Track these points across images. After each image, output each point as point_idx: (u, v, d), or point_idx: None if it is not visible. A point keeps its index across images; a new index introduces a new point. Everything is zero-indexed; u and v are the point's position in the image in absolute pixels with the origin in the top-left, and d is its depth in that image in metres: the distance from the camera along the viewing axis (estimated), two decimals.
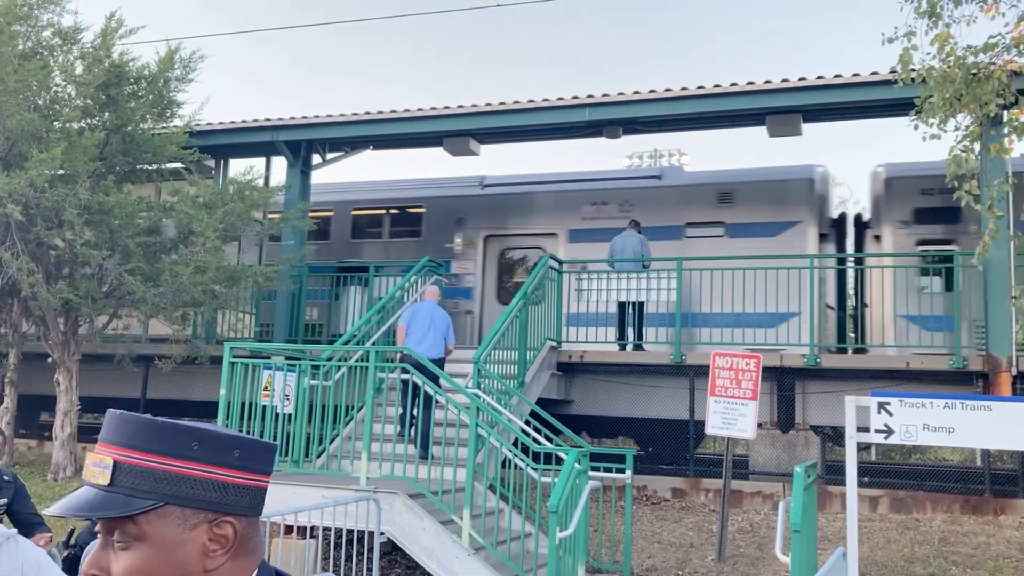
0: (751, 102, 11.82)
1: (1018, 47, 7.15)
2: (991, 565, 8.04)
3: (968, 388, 10.60)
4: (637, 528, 9.46)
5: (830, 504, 10.11)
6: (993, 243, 7.64)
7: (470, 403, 7.88)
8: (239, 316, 13.92)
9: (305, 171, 14.32)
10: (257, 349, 9.83)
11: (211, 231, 11.29)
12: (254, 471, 1.32)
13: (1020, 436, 6.23)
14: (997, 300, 10.32)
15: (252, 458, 1.32)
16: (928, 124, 7.46)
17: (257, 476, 1.33)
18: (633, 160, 41.73)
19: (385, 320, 10.89)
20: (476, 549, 7.37)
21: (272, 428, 8.45)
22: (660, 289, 12.03)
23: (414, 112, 13.29)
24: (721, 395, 8.77)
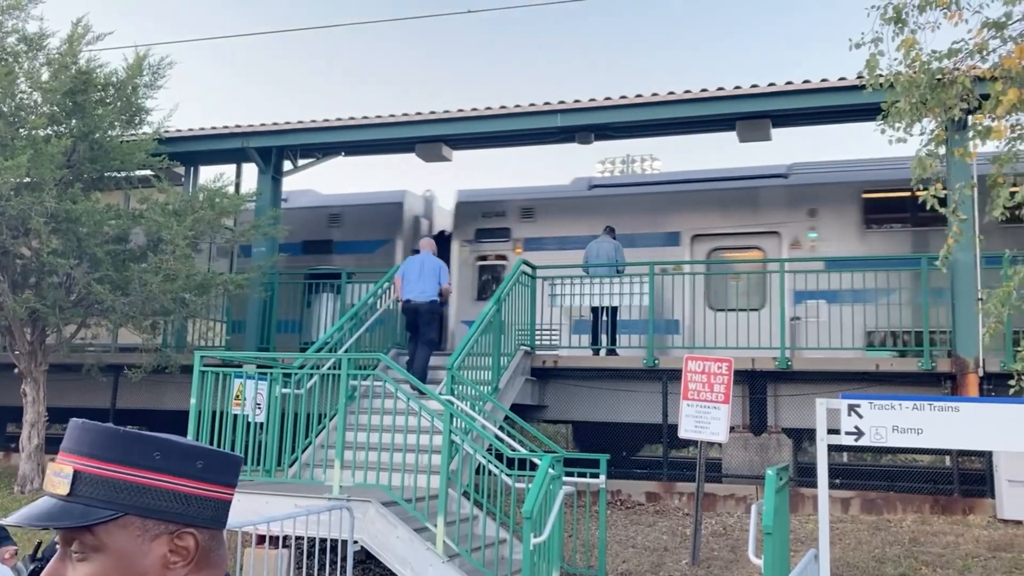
0: (721, 107, 11.92)
1: (980, 53, 7.24)
2: (960, 564, 8.13)
3: (937, 389, 10.73)
4: (611, 532, 9.47)
5: (802, 506, 10.18)
6: (959, 246, 7.73)
7: (444, 409, 7.85)
8: (210, 324, 13.80)
9: (276, 178, 14.24)
10: (227, 357, 9.74)
11: (181, 239, 11.19)
12: (218, 483, 1.31)
13: (987, 436, 6.31)
14: (964, 302, 10.46)
15: (216, 469, 1.31)
16: (895, 128, 7.54)
17: (221, 488, 1.32)
18: (606, 166, 41.91)
19: (358, 327, 10.83)
20: (450, 556, 7.34)
21: (244, 437, 8.37)
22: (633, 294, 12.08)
23: (386, 118, 13.27)
24: (694, 399, 8.80)
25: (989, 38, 7.23)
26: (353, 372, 8.39)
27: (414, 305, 10.89)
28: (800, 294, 11.79)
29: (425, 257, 11.15)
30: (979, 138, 7.48)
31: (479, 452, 8.08)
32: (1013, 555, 8.35)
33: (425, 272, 10.93)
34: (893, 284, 11.33)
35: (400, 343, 11.92)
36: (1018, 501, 9.39)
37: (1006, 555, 8.36)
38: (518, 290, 11.45)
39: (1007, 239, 10.80)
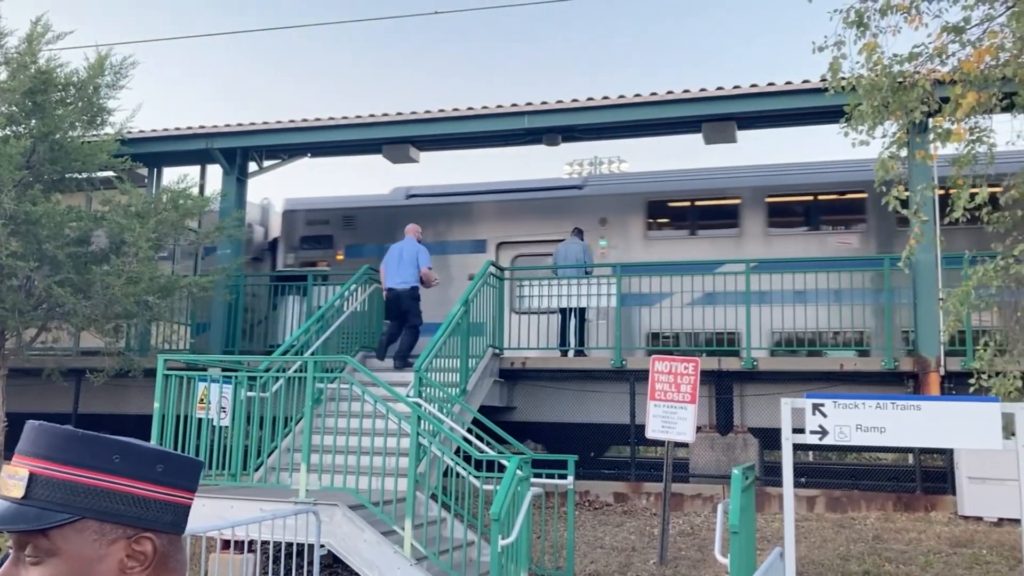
0: (687, 110, 12.00)
1: (940, 57, 7.35)
2: (922, 560, 8.25)
3: (899, 388, 10.89)
4: (580, 533, 9.49)
5: (768, 505, 10.27)
6: (920, 246, 7.84)
7: (411, 412, 7.82)
8: (174, 328, 13.63)
9: (241, 179, 14.12)
10: (191, 361, 9.63)
11: (144, 241, 11.03)
12: (177, 487, 1.29)
13: (948, 434, 6.40)
14: (925, 302, 10.61)
15: (176, 473, 1.29)
16: (857, 131, 7.64)
17: (181, 492, 1.29)
18: (574, 168, 42.05)
19: (324, 330, 10.75)
20: (418, 559, 7.31)
21: (208, 441, 8.28)
22: (601, 295, 12.13)
23: (352, 119, 13.19)
24: (661, 399, 8.85)
25: (948, 42, 7.35)
26: (319, 375, 8.33)
27: (396, 293, 11.35)
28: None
29: (405, 244, 11.55)
30: (939, 140, 7.59)
31: (447, 454, 8.06)
32: (973, 551, 8.48)
33: (404, 259, 11.34)
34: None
35: (367, 345, 11.86)
36: (978, 498, 9.55)
37: (966, 551, 8.50)
38: (485, 291, 11.44)
39: (969, 240, 11.00)
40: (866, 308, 11.78)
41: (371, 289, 12.00)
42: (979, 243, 10.24)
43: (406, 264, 11.36)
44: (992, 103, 7.30)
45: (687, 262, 12.49)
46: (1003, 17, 7.03)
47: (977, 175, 7.33)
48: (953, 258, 10.04)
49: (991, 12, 7.12)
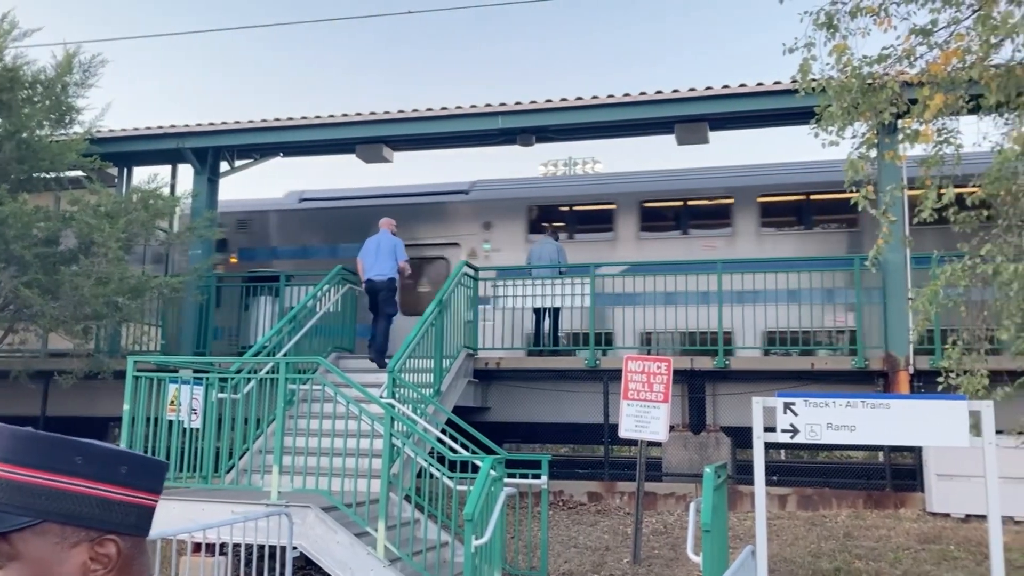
0: (660, 111, 12.06)
1: (908, 59, 7.42)
2: (891, 557, 8.34)
3: (870, 387, 11.00)
4: (553, 533, 9.50)
5: (741, 503, 10.34)
6: (889, 246, 7.92)
7: (384, 413, 7.79)
8: (144, 329, 13.48)
9: (212, 179, 14.00)
10: (162, 362, 9.54)
11: (113, 241, 10.91)
12: (142, 488, 1.27)
13: (916, 432, 6.48)
14: (895, 301, 10.73)
15: (140, 475, 1.27)
16: (827, 132, 7.70)
17: (145, 494, 1.28)
18: (548, 168, 42.16)
19: (297, 330, 10.69)
20: (392, 560, 7.29)
21: (179, 443, 8.20)
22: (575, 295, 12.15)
23: (325, 119, 13.13)
24: (634, 399, 8.88)
25: (916, 44, 7.42)
26: (292, 376, 8.28)
27: (375, 285, 11.45)
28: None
29: (381, 236, 11.67)
30: (908, 141, 7.67)
31: (420, 455, 8.04)
32: (941, 547, 8.59)
33: (382, 251, 11.49)
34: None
35: (341, 346, 11.80)
36: (946, 494, 9.67)
37: (935, 547, 8.60)
38: (460, 292, 11.43)
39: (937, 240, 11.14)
40: (836, 308, 11.90)
41: (344, 289, 11.94)
42: (947, 243, 10.39)
43: (384, 256, 11.50)
44: (959, 105, 7.38)
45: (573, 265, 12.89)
46: (969, 20, 7.11)
47: (944, 176, 7.41)
48: (922, 258, 10.17)
49: (957, 15, 7.20)
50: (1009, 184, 7.30)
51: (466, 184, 15.58)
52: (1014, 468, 9.35)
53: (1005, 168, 7.16)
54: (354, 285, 12.22)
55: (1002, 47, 7.01)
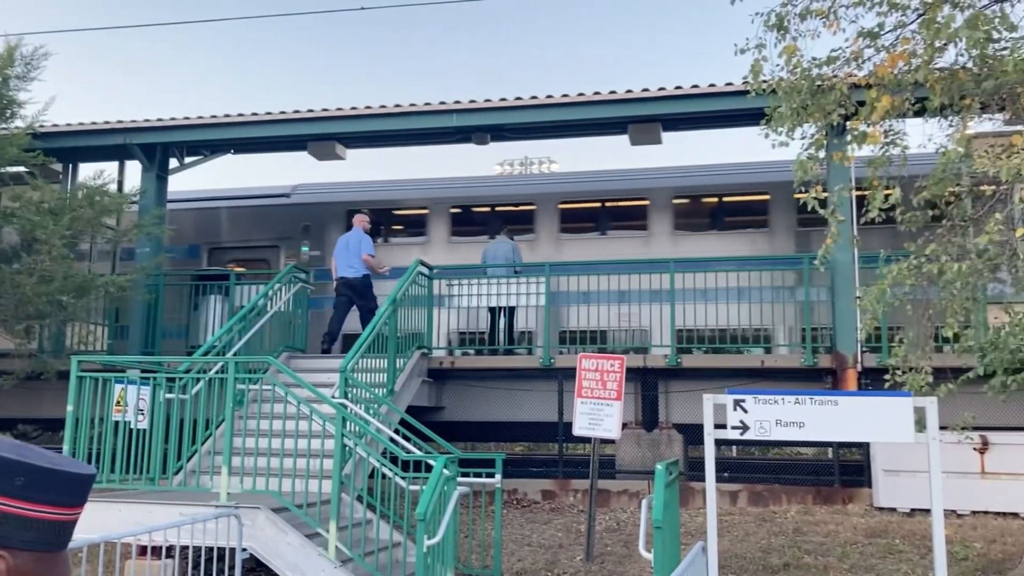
0: (613, 111, 12.11)
1: (856, 61, 7.54)
2: (839, 552, 8.47)
3: (818, 384, 11.17)
4: (507, 531, 9.50)
5: (693, 500, 10.42)
6: (837, 246, 8.04)
7: (336, 413, 7.71)
8: (90, 328, 13.20)
9: (161, 175, 13.76)
10: (108, 362, 9.33)
11: (57, 238, 10.66)
12: (43, 501, 1.19)
13: (863, 428, 6.59)
14: (843, 300, 10.90)
15: (41, 487, 1.18)
16: (777, 133, 7.79)
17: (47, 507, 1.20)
18: (504, 167, 42.18)
19: (247, 330, 10.53)
20: (343, 561, 7.22)
21: (126, 444, 8.03)
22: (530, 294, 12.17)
23: (277, 115, 12.97)
24: (588, 396, 8.91)
25: (864, 47, 7.54)
26: (241, 376, 8.15)
27: (348, 281, 11.80)
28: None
29: (351, 235, 12.06)
30: (856, 143, 7.80)
31: (373, 455, 7.97)
32: (887, 541, 8.75)
33: (351, 249, 11.86)
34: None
35: (291, 345, 11.66)
36: (892, 489, 9.86)
37: (881, 541, 8.76)
38: (414, 291, 11.37)
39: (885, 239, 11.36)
40: (785, 307, 12.07)
41: (295, 288, 11.80)
42: (894, 242, 10.59)
43: (353, 253, 11.83)
44: (905, 107, 7.52)
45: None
46: (915, 24, 7.25)
47: (891, 176, 7.54)
48: (870, 257, 10.36)
49: (903, 19, 7.33)
50: (953, 185, 7.46)
51: (288, 188, 16.10)
52: (957, 463, 9.57)
53: (949, 169, 7.31)
54: (306, 284, 12.08)
55: (946, 51, 7.17)
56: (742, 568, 8.19)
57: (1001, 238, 6.52)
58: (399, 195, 15.74)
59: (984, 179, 7.16)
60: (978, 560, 8.10)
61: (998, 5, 7.11)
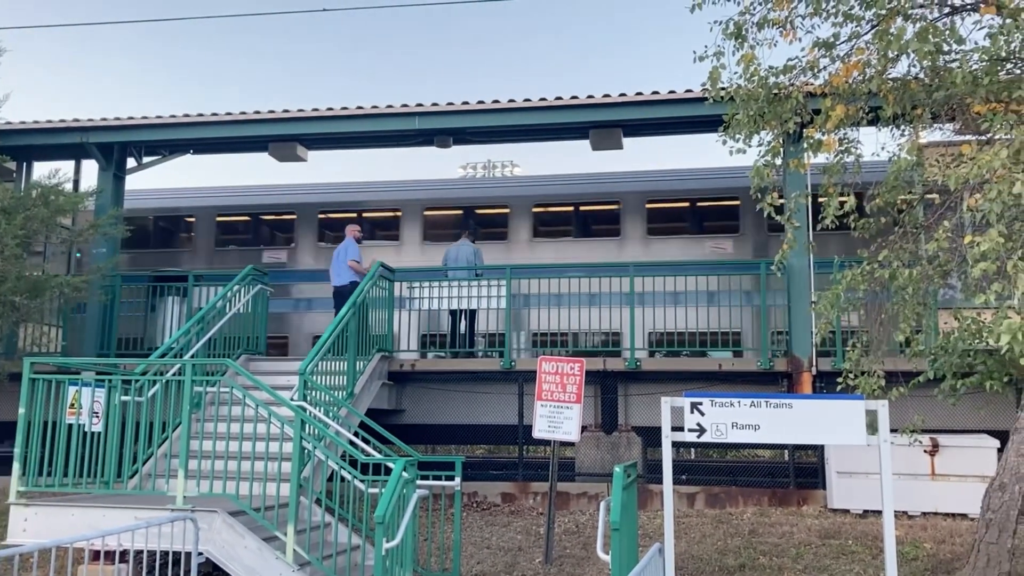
0: (575, 116, 12.20)
1: (812, 70, 7.69)
2: (794, 552, 8.60)
3: (775, 388, 11.33)
4: (467, 534, 9.51)
5: (652, 502, 10.52)
6: (793, 252, 8.18)
7: (294, 416, 7.67)
8: (44, 330, 12.97)
9: (119, 175, 13.59)
10: (62, 363, 9.19)
11: (10, 238, 10.48)
12: None
13: (817, 431, 6.71)
14: (799, 305, 11.08)
15: None
16: (735, 139, 7.91)
17: None
18: (467, 171, 42.18)
19: (205, 331, 10.42)
20: (301, 565, 7.18)
21: (79, 447, 7.91)
22: (491, 297, 12.20)
23: (237, 115, 12.88)
24: (547, 399, 8.96)
25: (820, 56, 7.69)
26: (198, 378, 8.07)
27: (338, 289, 12.06)
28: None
29: (343, 244, 12.35)
30: (811, 150, 7.95)
31: (332, 458, 7.94)
32: (840, 541, 8.90)
33: (340, 258, 12.16)
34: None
35: (251, 349, 11.55)
36: (845, 491, 10.03)
37: (834, 542, 8.91)
38: (375, 293, 11.33)
39: (840, 245, 11.58)
40: (743, 310, 12.24)
41: (255, 290, 11.70)
42: (848, 248, 10.80)
43: (342, 262, 12.11)
44: (859, 116, 7.68)
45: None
46: (869, 35, 7.40)
47: (845, 183, 7.70)
48: (826, 263, 10.54)
49: (858, 30, 7.48)
50: (905, 193, 7.63)
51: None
52: (909, 466, 9.77)
53: (901, 177, 7.47)
54: (265, 286, 11.99)
55: (899, 62, 7.33)
56: (699, 570, 8.28)
57: (950, 245, 6.69)
58: (270, 199, 16.54)
59: (935, 187, 7.33)
60: (928, 560, 8.27)
61: (948, 18, 7.29)
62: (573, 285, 12.18)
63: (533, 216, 15.23)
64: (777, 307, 11.74)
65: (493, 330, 12.85)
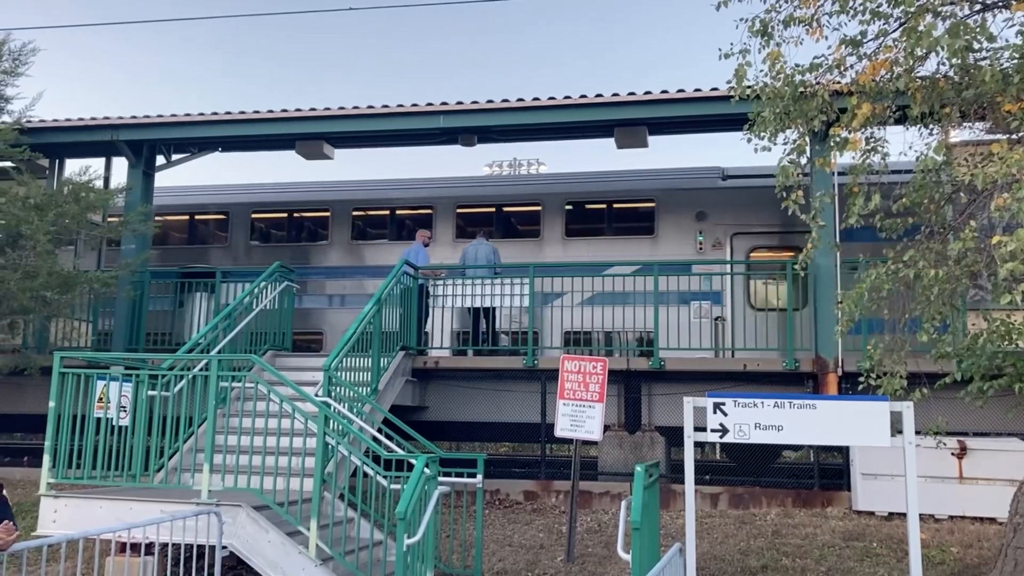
0: (600, 114, 12.18)
1: (839, 68, 7.62)
2: (817, 554, 8.55)
3: (800, 388, 11.24)
4: (489, 532, 9.53)
5: (675, 502, 10.48)
6: (818, 251, 8.12)
7: (318, 412, 7.73)
8: (74, 325, 13.17)
9: (148, 173, 13.76)
10: (91, 358, 9.32)
11: (42, 234, 10.65)
12: None
13: (841, 432, 6.66)
14: (825, 305, 10.98)
15: None
16: (760, 137, 7.86)
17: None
18: (493, 169, 42.19)
19: (232, 327, 10.52)
20: (324, 559, 7.24)
21: (107, 441, 8.02)
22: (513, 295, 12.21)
23: (264, 114, 12.99)
24: (570, 398, 8.96)
25: (846, 54, 7.62)
26: (225, 374, 8.16)
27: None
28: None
29: (411, 248, 12.71)
30: (837, 149, 7.87)
31: (355, 454, 7.99)
32: (864, 544, 8.83)
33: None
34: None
35: (277, 345, 11.65)
36: (871, 493, 9.94)
37: (858, 544, 8.84)
38: (399, 291, 11.39)
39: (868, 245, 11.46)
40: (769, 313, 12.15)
41: (282, 287, 11.79)
42: (875, 249, 10.69)
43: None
44: (886, 115, 7.60)
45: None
46: (897, 32, 7.32)
47: (872, 183, 7.61)
48: (852, 263, 10.43)
49: (885, 27, 7.40)
50: (932, 192, 7.55)
51: None
52: (936, 468, 9.66)
53: (928, 177, 7.39)
54: (291, 283, 12.09)
55: (927, 60, 7.24)
56: (720, 570, 8.25)
57: (978, 245, 6.60)
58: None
59: (963, 187, 7.24)
60: (954, 564, 8.18)
61: (979, 15, 7.19)
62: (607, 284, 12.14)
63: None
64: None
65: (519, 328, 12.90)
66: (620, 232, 14.80)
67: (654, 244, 14.29)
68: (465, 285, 12.33)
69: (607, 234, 14.81)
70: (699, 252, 13.99)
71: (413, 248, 12.85)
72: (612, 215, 14.98)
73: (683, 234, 14.24)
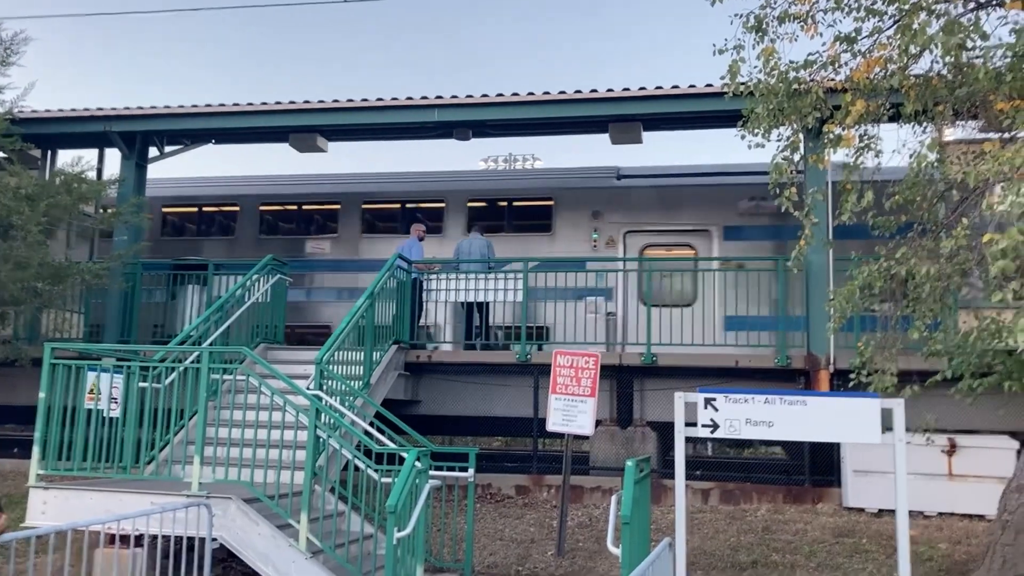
0: (594, 109, 12.18)
1: (833, 65, 7.62)
2: (807, 550, 8.57)
3: (792, 385, 11.27)
4: (480, 526, 9.54)
5: (666, 497, 10.49)
6: (811, 248, 8.12)
7: (309, 405, 7.72)
8: (66, 316, 13.12)
9: (141, 164, 13.71)
10: (82, 349, 9.29)
11: (33, 225, 10.60)
12: None
13: (831, 428, 6.68)
14: (817, 302, 11.00)
15: None
16: (753, 134, 7.86)
17: None
18: (488, 164, 42.11)
19: (224, 320, 10.49)
20: (314, 552, 7.23)
21: (98, 433, 8.00)
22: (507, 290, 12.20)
23: (258, 106, 12.95)
24: (562, 393, 8.97)
25: (841, 51, 7.63)
26: (216, 366, 8.14)
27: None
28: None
29: (406, 243, 12.79)
30: (831, 146, 7.88)
31: (346, 447, 7.98)
32: (854, 540, 8.86)
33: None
34: None
35: (269, 338, 11.63)
36: (861, 490, 9.97)
37: (848, 540, 8.87)
38: (393, 284, 11.37)
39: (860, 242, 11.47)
40: (761, 307, 12.17)
41: (274, 279, 11.77)
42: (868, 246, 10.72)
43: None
44: (880, 112, 7.61)
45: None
46: (891, 30, 7.33)
47: (864, 180, 7.62)
48: (845, 260, 10.44)
49: (880, 25, 7.41)
50: (925, 190, 7.56)
51: None
52: (926, 465, 9.70)
53: (921, 174, 7.40)
54: (284, 276, 12.06)
55: (921, 58, 7.25)
56: (711, 565, 8.27)
57: (970, 243, 6.61)
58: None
59: (955, 185, 7.25)
60: (942, 560, 8.22)
61: (972, 13, 7.20)
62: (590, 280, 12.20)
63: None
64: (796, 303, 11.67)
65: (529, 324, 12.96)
66: (519, 229, 15.07)
67: (551, 241, 14.55)
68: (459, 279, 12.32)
69: (507, 231, 15.07)
70: (593, 249, 14.27)
71: (408, 242, 12.84)
72: (512, 212, 15.34)
73: (579, 232, 14.54)
